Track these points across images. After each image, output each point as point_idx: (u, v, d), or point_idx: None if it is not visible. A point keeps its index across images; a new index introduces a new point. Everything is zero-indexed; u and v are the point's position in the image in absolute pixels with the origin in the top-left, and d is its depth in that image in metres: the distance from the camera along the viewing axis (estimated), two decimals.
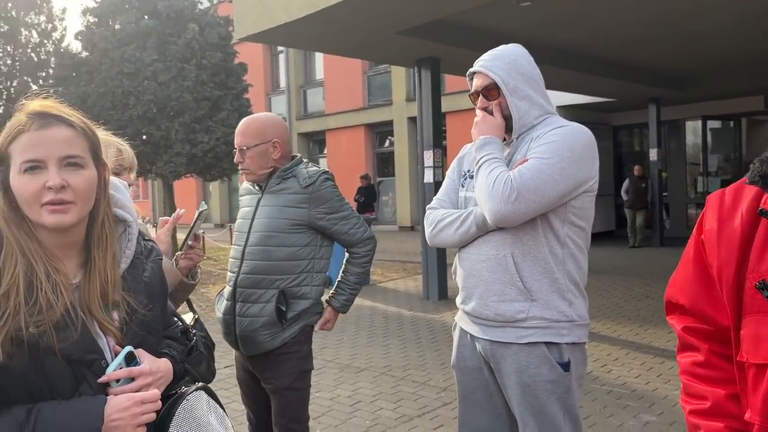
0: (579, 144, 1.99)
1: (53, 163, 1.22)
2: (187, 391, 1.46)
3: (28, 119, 1.24)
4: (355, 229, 2.63)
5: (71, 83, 14.44)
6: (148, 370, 1.31)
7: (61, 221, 1.23)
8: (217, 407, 1.55)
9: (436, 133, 8.43)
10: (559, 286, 2.02)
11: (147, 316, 1.38)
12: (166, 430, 1.39)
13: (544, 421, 2.02)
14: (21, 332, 1.15)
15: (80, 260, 1.32)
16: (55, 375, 1.20)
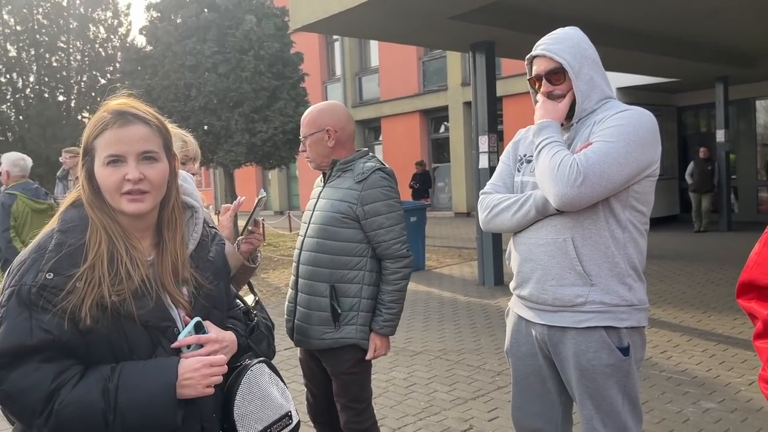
0: (643, 128, 1.98)
1: (132, 157, 1.37)
2: (251, 363, 1.60)
3: (111, 117, 1.38)
4: (393, 241, 2.52)
5: (137, 77, 14.99)
6: (215, 338, 1.45)
7: (138, 209, 1.38)
8: (278, 380, 1.67)
9: (491, 117, 8.37)
10: (619, 271, 2.02)
11: (213, 291, 1.51)
12: (233, 398, 1.53)
13: (601, 404, 2.04)
14: (105, 299, 1.30)
15: (153, 241, 1.47)
16: (134, 339, 1.35)
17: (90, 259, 1.33)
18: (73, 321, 1.28)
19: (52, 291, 1.28)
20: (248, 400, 1.55)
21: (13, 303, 1.29)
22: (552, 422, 2.23)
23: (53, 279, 1.29)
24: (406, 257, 2.56)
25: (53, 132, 16.58)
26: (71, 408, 1.27)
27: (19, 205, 5.26)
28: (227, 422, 1.53)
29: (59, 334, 1.28)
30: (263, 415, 1.57)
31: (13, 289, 1.30)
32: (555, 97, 2.08)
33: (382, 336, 2.59)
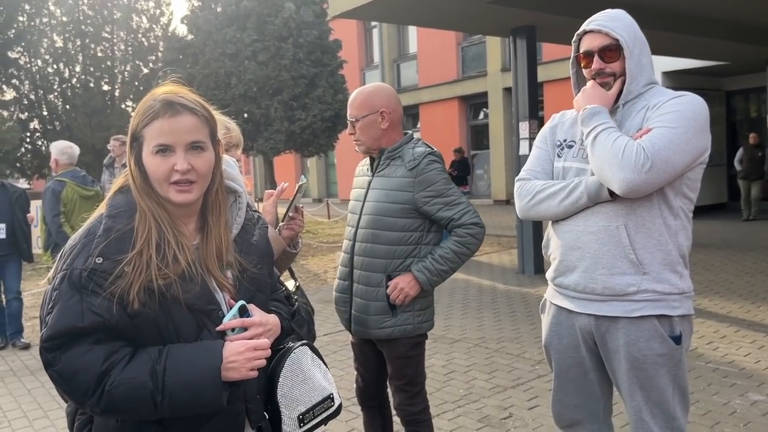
0: (700, 114, 1.94)
1: (181, 148, 1.38)
2: (294, 345, 1.62)
3: (161, 106, 1.39)
4: (461, 212, 2.51)
5: (178, 65, 15.20)
6: (259, 321, 1.46)
7: (186, 199, 1.41)
8: (321, 363, 1.69)
9: (532, 103, 8.25)
10: (671, 259, 1.99)
11: (256, 275, 1.53)
12: (277, 379, 1.55)
13: (651, 395, 2.00)
14: (152, 283, 1.33)
15: (198, 225, 1.49)
16: (180, 322, 1.38)
17: (138, 244, 1.35)
18: (121, 304, 1.32)
19: (102, 275, 1.31)
20: (291, 382, 1.57)
21: (65, 286, 1.33)
22: (594, 414, 2.20)
23: (102, 263, 1.32)
24: (478, 225, 2.52)
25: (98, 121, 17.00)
26: (122, 388, 1.31)
27: (68, 192, 5.42)
28: (271, 404, 1.56)
29: (109, 317, 1.31)
30: (306, 397, 1.59)
31: (65, 272, 1.33)
32: (605, 75, 2.02)
33: (412, 279, 2.49)
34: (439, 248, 2.54)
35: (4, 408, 4.40)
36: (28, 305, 7.41)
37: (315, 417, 1.61)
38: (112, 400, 1.31)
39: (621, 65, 2.00)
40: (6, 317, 6.06)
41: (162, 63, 16.91)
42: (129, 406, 1.32)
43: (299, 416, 1.57)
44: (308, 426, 1.59)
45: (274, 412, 1.56)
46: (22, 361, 5.57)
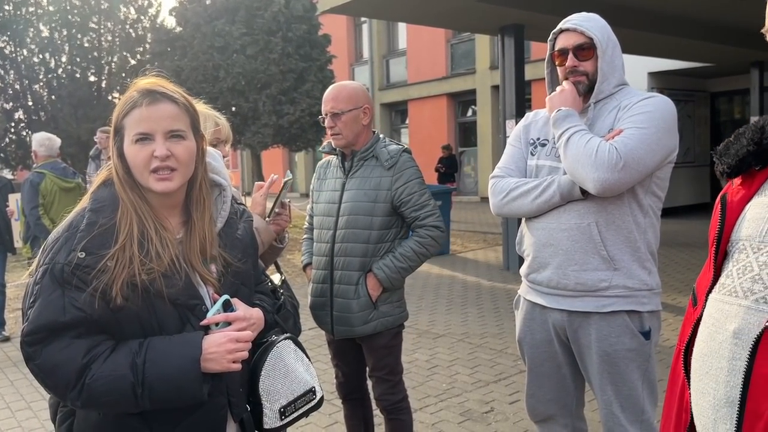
0: (669, 114, 1.99)
1: (160, 135, 1.39)
2: (276, 339, 1.64)
3: (140, 96, 1.40)
4: (427, 214, 2.57)
5: (166, 58, 15.12)
6: (242, 316, 1.47)
7: (166, 188, 1.40)
8: (303, 356, 1.71)
9: (519, 102, 8.30)
10: (639, 256, 2.04)
11: (240, 269, 1.54)
12: (259, 373, 1.57)
13: (622, 389, 2.05)
14: (135, 278, 1.34)
15: (182, 219, 1.50)
16: (163, 316, 1.39)
17: (121, 240, 1.35)
18: (104, 299, 1.32)
19: (84, 270, 1.32)
20: (273, 375, 1.59)
21: (47, 280, 1.33)
22: (566, 408, 2.25)
23: (85, 258, 1.32)
24: (439, 228, 2.60)
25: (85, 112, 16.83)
26: (101, 382, 1.31)
27: (48, 184, 5.38)
28: (253, 396, 1.58)
29: (91, 311, 1.31)
30: (288, 390, 1.61)
31: (47, 267, 1.33)
32: (578, 73, 2.07)
33: (375, 278, 2.56)
34: (400, 246, 2.59)
35: None
36: (11, 297, 7.36)
37: (297, 410, 1.63)
38: (93, 394, 1.31)
39: (594, 65, 2.05)
40: None
41: (150, 55, 16.76)
42: (109, 399, 1.33)
43: (281, 409, 1.59)
44: (290, 418, 1.61)
45: (255, 404, 1.58)
46: (5, 352, 5.55)
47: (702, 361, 1.07)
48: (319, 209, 2.74)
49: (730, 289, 1.06)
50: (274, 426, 1.59)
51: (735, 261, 1.08)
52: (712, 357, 1.04)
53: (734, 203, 1.13)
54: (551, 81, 2.23)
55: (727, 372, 1.00)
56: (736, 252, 1.09)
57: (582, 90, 2.09)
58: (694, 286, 1.21)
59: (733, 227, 1.12)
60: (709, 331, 1.07)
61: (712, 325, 1.06)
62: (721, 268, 1.12)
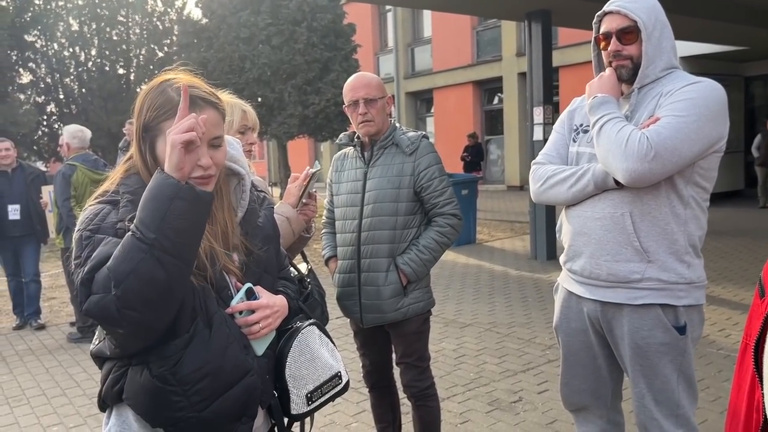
0: (715, 101, 1.90)
1: (204, 144, 1.36)
2: (301, 325, 1.63)
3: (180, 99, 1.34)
4: (446, 201, 2.60)
5: (193, 50, 15.25)
6: (266, 303, 1.48)
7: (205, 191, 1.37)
8: (328, 341, 1.71)
9: (547, 88, 8.19)
10: (677, 248, 1.97)
11: (263, 257, 1.54)
12: (285, 359, 1.57)
13: (654, 382, 2.01)
14: None
15: None
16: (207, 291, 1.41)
17: None
18: None
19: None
20: (299, 361, 1.59)
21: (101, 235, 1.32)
22: (602, 399, 2.22)
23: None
24: (457, 216, 2.63)
25: (114, 104, 17.08)
26: (114, 254, 1.27)
27: (79, 176, 5.47)
28: (279, 383, 1.58)
29: None
30: (314, 376, 1.61)
31: (98, 226, 1.34)
32: (622, 57, 2.00)
33: (402, 272, 2.59)
34: (422, 238, 2.61)
35: (22, 386, 4.50)
36: (46, 286, 7.53)
37: (323, 395, 1.63)
38: (115, 270, 1.25)
39: (638, 48, 1.97)
40: (24, 298, 6.17)
41: (176, 47, 16.93)
42: (128, 264, 1.24)
43: (307, 394, 1.59)
44: (316, 404, 1.62)
45: (282, 391, 1.58)
46: (41, 340, 5.68)
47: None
48: (341, 200, 2.75)
49: None
50: (302, 411, 1.59)
51: None
52: None
53: None
54: (598, 64, 2.16)
55: None
56: None
57: (626, 75, 2.01)
58: (761, 276, 1.12)
59: None
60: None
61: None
62: None
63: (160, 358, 1.37)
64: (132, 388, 1.41)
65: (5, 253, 6.13)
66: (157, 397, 1.38)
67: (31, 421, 3.90)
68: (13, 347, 5.52)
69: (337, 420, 3.65)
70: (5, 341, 5.72)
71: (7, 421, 3.91)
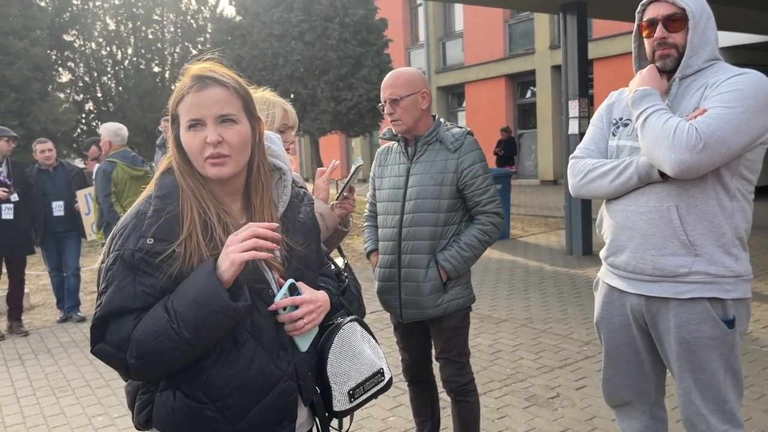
0: (762, 92, 1.86)
1: (211, 121, 1.37)
2: (343, 321, 1.61)
3: (191, 82, 1.40)
4: (489, 199, 2.60)
5: (227, 47, 15.41)
6: (309, 298, 1.47)
7: (219, 173, 1.39)
8: (370, 338, 1.69)
9: (582, 81, 8.07)
10: (725, 241, 1.94)
11: (304, 253, 1.53)
12: (327, 356, 1.56)
13: (701, 377, 1.98)
14: (205, 259, 1.35)
15: (243, 205, 1.50)
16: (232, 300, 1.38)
17: (186, 228, 1.36)
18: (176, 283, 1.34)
19: (154, 256, 1.34)
20: (341, 357, 1.57)
21: (119, 267, 1.35)
22: (645, 394, 2.19)
23: (154, 245, 1.34)
24: (499, 215, 2.63)
25: (150, 102, 17.41)
26: (143, 329, 1.32)
27: (119, 172, 5.59)
28: (321, 379, 1.57)
29: (161, 295, 1.35)
30: (356, 373, 1.59)
31: (118, 253, 1.36)
32: (667, 45, 1.96)
33: (443, 269, 2.59)
34: (464, 235, 2.60)
35: (68, 377, 4.63)
36: (87, 280, 7.70)
37: (365, 392, 1.61)
38: (140, 345, 1.31)
39: (684, 37, 1.94)
40: (65, 292, 6.33)
41: (210, 44, 17.15)
42: (155, 345, 1.31)
43: (349, 391, 1.57)
44: (359, 401, 1.60)
45: (325, 388, 1.57)
46: (84, 333, 5.83)
47: None
48: (384, 195, 2.75)
49: None
50: (344, 408, 1.58)
51: None
52: None
53: None
54: (638, 55, 2.13)
55: None
56: None
57: (670, 64, 1.98)
58: None
59: None
60: None
61: None
62: None
63: (191, 379, 1.40)
64: (162, 414, 1.43)
65: (49, 249, 6.30)
66: (192, 416, 1.41)
67: (76, 411, 4.01)
68: (57, 339, 5.68)
69: (375, 414, 3.66)
70: (50, 334, 5.89)
71: (54, 411, 4.02)
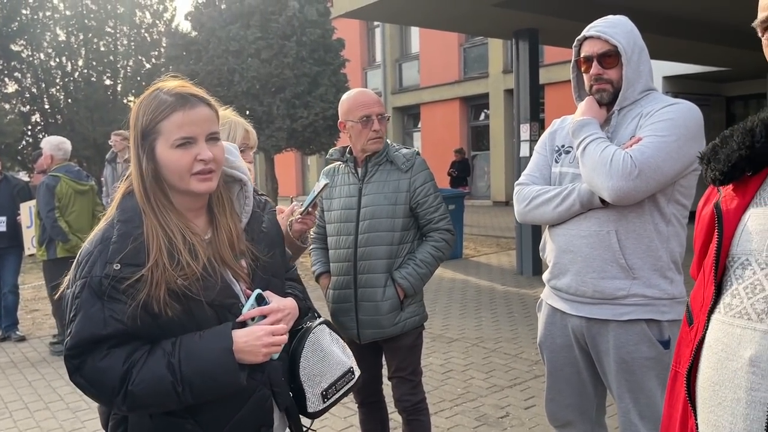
0: (693, 122, 1.97)
1: (202, 139, 1.41)
2: (312, 325, 1.67)
3: (177, 100, 1.40)
4: (440, 217, 2.66)
5: (181, 62, 15.22)
6: (277, 307, 1.50)
7: (209, 188, 1.44)
8: (338, 338, 1.74)
9: (533, 105, 8.29)
10: (661, 265, 2.02)
11: (269, 262, 1.56)
12: (299, 359, 1.60)
13: (640, 397, 2.04)
14: (172, 286, 1.36)
15: (208, 218, 1.52)
16: (201, 319, 1.41)
17: (152, 255, 1.37)
18: (144, 308, 1.34)
19: (121, 281, 1.34)
20: (312, 360, 1.62)
21: (86, 294, 1.35)
22: (586, 414, 2.25)
23: (121, 270, 1.34)
24: (451, 231, 2.70)
25: (100, 115, 16.99)
26: (143, 386, 1.34)
27: (63, 187, 5.44)
28: (294, 383, 1.61)
29: (131, 323, 1.34)
30: (328, 373, 1.64)
31: (85, 280, 1.35)
32: (603, 81, 2.05)
33: (401, 288, 2.62)
34: (419, 253, 2.65)
35: (5, 399, 4.44)
36: (28, 298, 7.44)
37: (338, 391, 1.66)
38: (137, 398, 1.35)
39: (618, 72, 2.04)
40: (2, 309, 6.08)
41: (165, 59, 16.91)
42: (153, 401, 1.36)
43: (322, 392, 1.62)
44: (332, 400, 1.65)
45: (298, 390, 1.60)
46: (23, 353, 5.61)
47: (712, 390, 0.98)
48: (334, 216, 2.73)
49: (739, 310, 0.96)
50: (318, 409, 1.63)
51: (739, 278, 0.99)
52: (724, 386, 0.95)
53: (730, 213, 1.03)
54: (577, 85, 2.23)
55: (746, 404, 0.91)
56: (738, 268, 1.00)
57: (606, 98, 2.07)
58: (688, 302, 1.11)
59: (732, 240, 1.02)
60: (719, 357, 0.97)
61: (721, 351, 0.97)
62: (721, 284, 1.02)
63: None
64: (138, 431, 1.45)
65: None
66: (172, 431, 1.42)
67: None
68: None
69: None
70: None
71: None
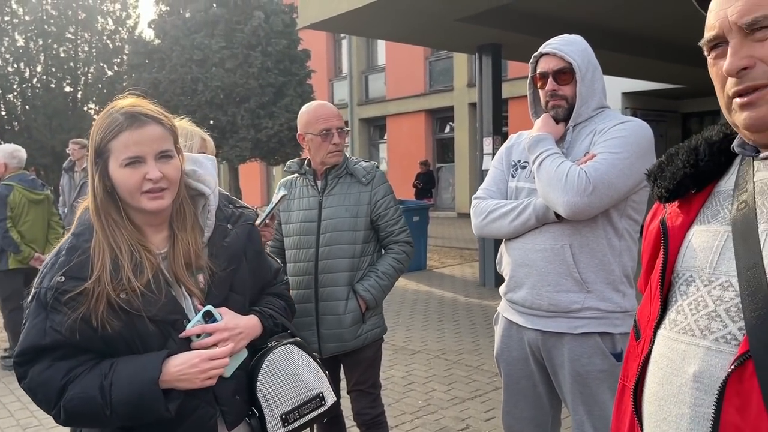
0: (645, 139, 2.03)
1: (150, 157, 1.40)
2: (275, 345, 1.61)
3: (125, 119, 1.40)
4: (400, 229, 2.69)
5: (144, 70, 15.02)
6: (223, 326, 1.47)
7: (159, 206, 1.43)
8: (311, 360, 1.67)
9: (496, 119, 8.40)
10: (614, 278, 2.06)
11: (226, 277, 1.52)
12: (255, 379, 1.56)
13: (593, 409, 2.07)
14: (113, 302, 1.36)
15: (167, 233, 1.51)
16: (144, 334, 1.40)
17: (96, 270, 1.37)
18: (85, 322, 1.34)
19: (64, 293, 1.34)
20: (271, 381, 1.56)
21: (34, 305, 1.37)
22: (541, 426, 2.27)
23: (65, 282, 1.35)
24: (410, 244, 2.74)
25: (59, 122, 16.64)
26: (74, 403, 1.35)
27: (16, 196, 5.30)
28: (254, 403, 1.57)
29: (70, 335, 1.34)
30: (290, 396, 1.58)
31: (36, 291, 1.38)
32: (558, 97, 2.10)
33: (363, 300, 2.62)
34: (380, 265, 2.67)
35: None
36: None
37: (301, 416, 1.59)
38: (69, 414, 1.36)
39: (573, 89, 2.09)
40: None
41: (127, 66, 16.66)
42: (85, 420, 1.39)
43: (282, 416, 1.56)
44: (294, 425, 1.58)
45: (259, 411, 1.57)
46: None
47: (658, 405, 0.99)
48: (293, 229, 2.69)
49: (683, 326, 0.97)
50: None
51: (683, 294, 1.00)
52: (670, 402, 0.96)
53: (675, 229, 1.05)
54: (533, 101, 2.27)
55: (690, 419, 0.92)
56: (683, 284, 1.01)
57: (561, 114, 2.12)
58: (636, 317, 1.13)
59: (677, 256, 1.04)
60: (664, 372, 0.98)
61: (666, 366, 0.98)
62: (667, 300, 1.04)
63: None
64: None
65: None
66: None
67: None
68: None
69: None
70: None
71: None
